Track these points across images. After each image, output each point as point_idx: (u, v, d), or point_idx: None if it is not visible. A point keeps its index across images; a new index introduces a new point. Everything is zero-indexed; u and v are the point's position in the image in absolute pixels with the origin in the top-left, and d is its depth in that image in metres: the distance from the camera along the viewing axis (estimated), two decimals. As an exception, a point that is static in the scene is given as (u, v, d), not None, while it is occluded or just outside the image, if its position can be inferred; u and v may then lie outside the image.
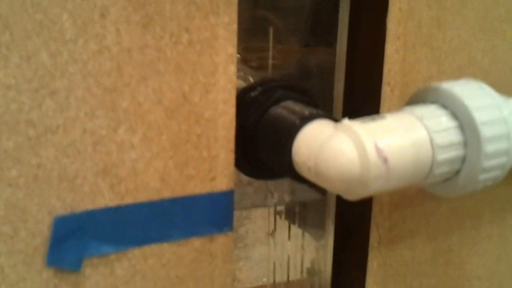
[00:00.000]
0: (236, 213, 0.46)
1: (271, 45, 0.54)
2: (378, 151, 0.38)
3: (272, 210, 0.62)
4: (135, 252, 0.42)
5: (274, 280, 0.66)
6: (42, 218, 0.39)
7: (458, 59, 0.50)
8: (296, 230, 0.64)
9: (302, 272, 0.66)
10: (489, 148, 0.41)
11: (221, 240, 0.45)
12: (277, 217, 0.64)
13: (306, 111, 0.42)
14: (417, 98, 0.44)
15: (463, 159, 0.42)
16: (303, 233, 0.63)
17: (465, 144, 0.41)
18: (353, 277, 0.54)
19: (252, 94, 0.45)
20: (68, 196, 0.39)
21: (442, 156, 0.41)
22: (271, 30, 0.54)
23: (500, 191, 0.57)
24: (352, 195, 0.40)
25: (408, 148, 0.40)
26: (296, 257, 0.64)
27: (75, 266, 0.40)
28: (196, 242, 0.44)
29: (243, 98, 0.45)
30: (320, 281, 0.62)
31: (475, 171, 0.41)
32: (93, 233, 0.40)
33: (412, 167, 0.40)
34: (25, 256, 0.39)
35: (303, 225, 0.63)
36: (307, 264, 0.65)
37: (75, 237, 0.40)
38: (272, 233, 0.60)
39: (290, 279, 0.67)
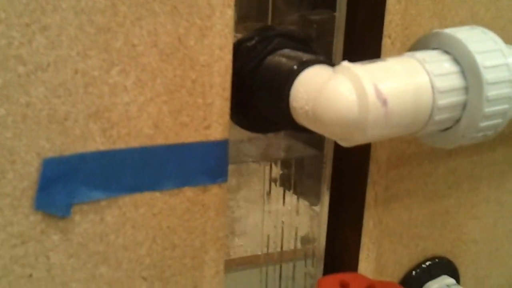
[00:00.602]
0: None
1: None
2: (378, 92, 0.38)
3: (267, 174, 0.62)
4: (126, 200, 0.41)
5: (267, 249, 0.65)
6: (31, 160, 0.38)
7: (460, 13, 0.49)
8: (291, 197, 0.63)
9: (296, 238, 0.65)
10: (491, 93, 0.40)
11: (214, 191, 0.44)
12: (272, 184, 0.63)
13: (305, 57, 0.42)
14: (419, 45, 0.43)
15: (464, 106, 0.41)
16: (298, 199, 0.63)
17: (466, 90, 0.41)
18: (349, 237, 0.53)
19: (249, 43, 0.44)
20: (58, 138, 0.38)
21: (443, 101, 0.40)
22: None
23: (498, 154, 0.57)
24: (349, 140, 0.39)
25: (409, 91, 0.39)
26: (290, 223, 0.64)
27: (64, 212, 0.39)
28: (189, 192, 0.43)
29: (240, 48, 0.44)
30: (314, 248, 0.62)
31: (476, 117, 0.41)
32: (83, 177, 0.39)
33: (412, 111, 0.39)
34: (12, 199, 0.38)
35: (298, 191, 0.62)
36: (301, 231, 0.64)
37: (65, 181, 0.39)
38: (268, 195, 0.59)
39: (284, 248, 0.66)
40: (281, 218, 0.63)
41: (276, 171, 0.62)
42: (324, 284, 0.45)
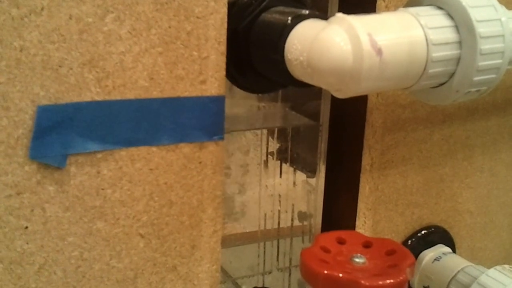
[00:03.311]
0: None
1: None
2: (372, 42, 0.35)
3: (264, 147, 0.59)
4: (122, 154, 0.39)
5: (265, 221, 0.63)
6: (25, 107, 0.35)
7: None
8: (287, 170, 0.61)
9: (293, 215, 0.63)
10: (484, 46, 0.38)
11: (211, 149, 0.42)
12: (269, 157, 0.61)
13: (299, 11, 0.39)
14: (412, 3, 0.41)
15: (457, 61, 0.39)
16: (294, 171, 0.60)
17: (460, 45, 0.38)
18: (345, 204, 0.51)
19: (243, 0, 0.42)
20: (53, 85, 0.36)
21: (437, 54, 0.38)
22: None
23: (491, 123, 0.55)
24: (344, 91, 0.37)
25: (403, 43, 0.37)
26: (287, 198, 0.61)
27: (59, 162, 0.37)
28: (185, 149, 0.41)
29: (234, 5, 0.42)
30: (310, 225, 0.59)
31: (470, 71, 0.38)
32: (78, 128, 0.37)
33: (406, 62, 0.37)
34: (6, 147, 0.35)
35: (294, 163, 0.60)
36: (298, 207, 0.62)
37: (60, 131, 0.36)
38: (265, 164, 0.57)
39: (281, 224, 0.64)
40: (278, 192, 0.61)
41: (273, 145, 0.59)
42: (321, 240, 0.42)
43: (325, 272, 0.39)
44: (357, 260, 0.41)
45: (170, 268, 0.43)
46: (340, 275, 0.38)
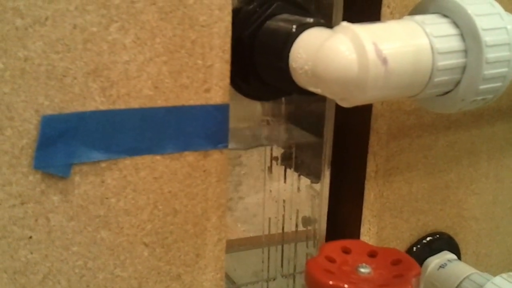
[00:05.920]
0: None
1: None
2: (377, 50, 0.35)
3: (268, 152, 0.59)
4: (127, 163, 0.39)
5: (269, 226, 0.63)
6: (29, 117, 0.35)
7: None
8: (292, 175, 0.61)
9: (297, 219, 0.63)
10: (490, 55, 0.38)
11: (215, 157, 0.42)
12: (273, 162, 0.61)
13: (304, 19, 0.39)
14: (417, 10, 0.41)
15: (463, 70, 0.39)
16: (299, 176, 0.60)
17: (465, 53, 0.38)
18: (350, 211, 0.51)
19: (248, 7, 0.42)
20: (57, 95, 0.36)
21: (442, 62, 0.37)
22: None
23: (497, 129, 0.54)
24: (349, 100, 0.37)
25: (408, 52, 0.37)
26: (292, 203, 0.61)
27: (64, 171, 0.37)
28: (190, 157, 0.41)
29: (239, 12, 0.42)
30: (315, 230, 0.59)
31: (476, 79, 0.38)
32: (83, 137, 0.37)
33: (412, 71, 0.37)
34: (11, 157, 0.35)
35: (299, 168, 0.60)
36: (302, 212, 0.62)
37: (64, 140, 0.36)
38: (269, 170, 0.57)
39: (286, 229, 0.64)
40: (282, 197, 0.61)
41: (278, 151, 0.59)
42: (326, 249, 0.42)
43: (331, 283, 0.39)
44: (362, 270, 0.41)
45: (175, 276, 0.43)
46: (346, 286, 0.38)
